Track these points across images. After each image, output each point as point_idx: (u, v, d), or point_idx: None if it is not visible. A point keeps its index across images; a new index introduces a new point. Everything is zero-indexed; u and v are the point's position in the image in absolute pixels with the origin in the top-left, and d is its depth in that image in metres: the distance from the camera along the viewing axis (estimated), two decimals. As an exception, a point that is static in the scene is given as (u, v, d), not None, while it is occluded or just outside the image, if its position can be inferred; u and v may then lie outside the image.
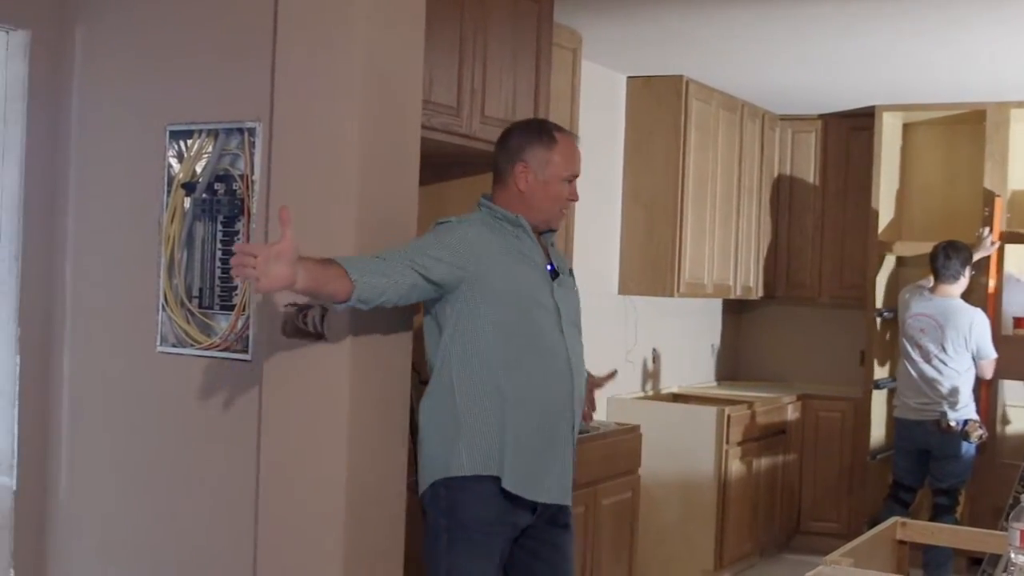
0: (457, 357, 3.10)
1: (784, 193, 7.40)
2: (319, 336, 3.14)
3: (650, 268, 6.12)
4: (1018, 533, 2.53)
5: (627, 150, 6.22)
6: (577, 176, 3.26)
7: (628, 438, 5.01)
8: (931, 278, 6.03)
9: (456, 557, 3.08)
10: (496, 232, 3.18)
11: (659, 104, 6.16)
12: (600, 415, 5.88)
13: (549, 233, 3.29)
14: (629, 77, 6.22)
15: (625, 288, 6.18)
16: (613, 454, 4.84)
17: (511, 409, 3.09)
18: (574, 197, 3.26)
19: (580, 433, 3.58)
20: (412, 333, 3.37)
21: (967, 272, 5.95)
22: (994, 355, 5.91)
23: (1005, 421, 6.76)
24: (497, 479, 3.07)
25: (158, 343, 3.62)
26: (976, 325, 5.87)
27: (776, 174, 7.37)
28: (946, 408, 5.83)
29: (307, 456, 3.21)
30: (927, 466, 5.98)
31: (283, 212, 2.73)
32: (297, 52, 3.27)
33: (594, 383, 3.52)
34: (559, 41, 4.71)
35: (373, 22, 3.20)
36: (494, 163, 3.30)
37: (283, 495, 3.25)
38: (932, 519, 5.72)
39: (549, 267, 3.22)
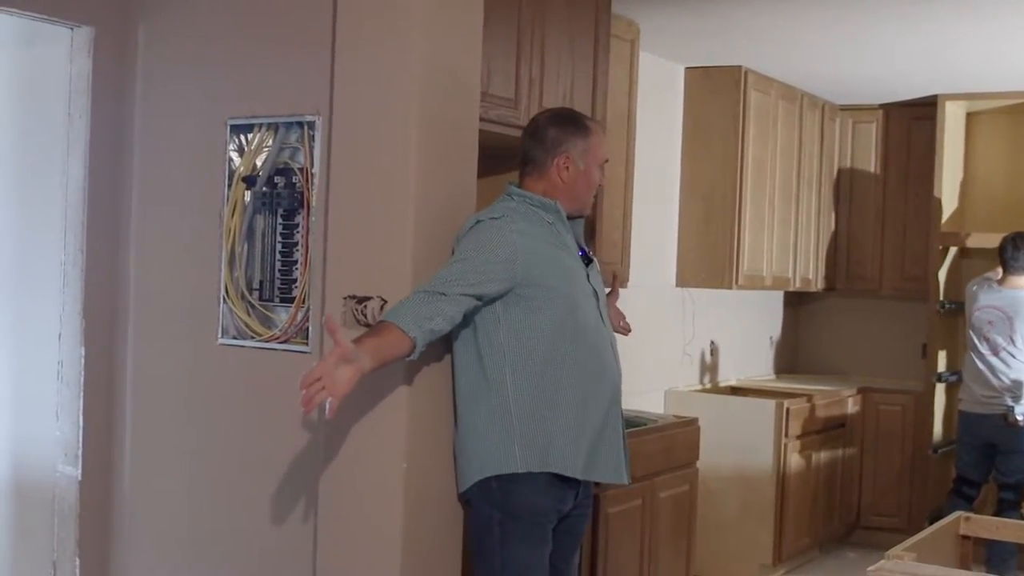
0: (512, 355, 3.10)
1: (844, 184, 7.32)
2: (377, 328, 3.15)
3: (708, 260, 6.08)
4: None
5: (685, 141, 6.19)
6: (606, 161, 3.36)
7: (686, 431, 4.98)
8: (999, 270, 5.95)
9: (513, 548, 3.09)
10: (534, 222, 3.18)
11: (717, 95, 6.12)
12: (658, 407, 5.87)
13: (578, 219, 3.33)
14: (687, 68, 6.18)
15: (683, 280, 6.15)
16: (671, 447, 4.81)
17: (567, 405, 3.11)
18: (603, 182, 3.38)
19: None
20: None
21: (1036, 264, 5.86)
22: None
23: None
24: (550, 473, 3.10)
25: (219, 335, 3.66)
26: None
27: (836, 165, 7.29)
28: (1012, 402, 5.75)
29: (368, 448, 3.22)
30: (992, 461, 5.91)
31: (329, 323, 2.85)
32: (356, 45, 3.29)
33: (614, 295, 3.69)
34: (617, 32, 4.69)
35: (432, 15, 3.21)
36: (525, 153, 3.28)
37: (343, 487, 3.27)
38: (996, 514, 5.65)
39: (580, 253, 3.28)
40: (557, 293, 3.12)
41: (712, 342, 6.54)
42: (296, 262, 3.51)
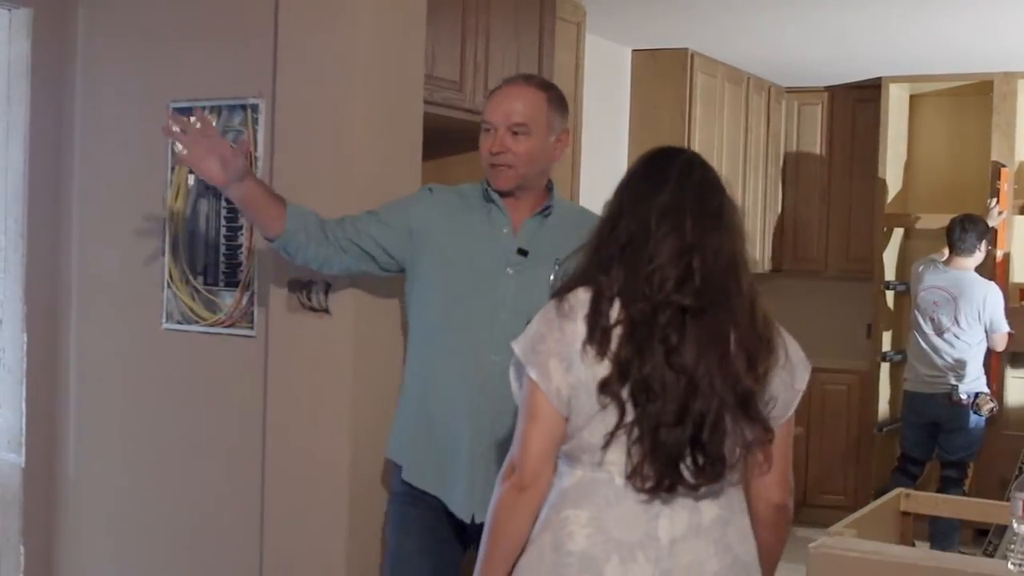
0: (409, 332, 2.99)
1: (791, 166, 7.38)
2: (324, 311, 3.15)
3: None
4: (1020, 503, 2.53)
5: (632, 124, 6.21)
6: (493, 125, 2.81)
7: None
8: (945, 251, 6.02)
9: (389, 530, 2.99)
10: (465, 205, 2.92)
11: (664, 78, 6.15)
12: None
13: (550, 205, 2.91)
14: (634, 50, 6.20)
15: (631, 262, 6.17)
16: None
17: (420, 400, 2.90)
18: (492, 148, 2.81)
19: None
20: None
21: (983, 246, 5.95)
22: (1007, 328, 5.91)
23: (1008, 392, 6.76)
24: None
25: (164, 320, 3.63)
26: (990, 298, 5.87)
27: (783, 147, 7.35)
28: (956, 381, 5.83)
29: (312, 430, 3.22)
30: (936, 439, 5.99)
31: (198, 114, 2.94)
32: (299, 27, 3.27)
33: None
34: (563, 15, 4.69)
35: (374, -3, 3.20)
36: None
37: (289, 470, 3.27)
38: (940, 491, 5.73)
39: (514, 245, 2.85)
40: (445, 279, 2.86)
41: (660, 324, 6.55)
42: (241, 246, 3.49)
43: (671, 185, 2.14)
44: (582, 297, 2.11)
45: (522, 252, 2.82)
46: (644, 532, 2.06)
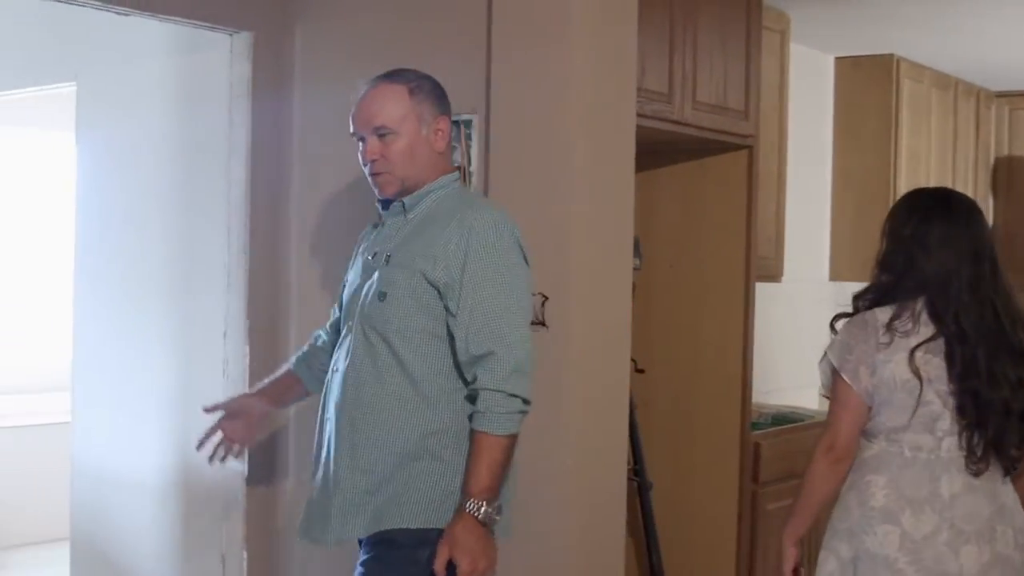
0: None
1: (1002, 174, 7.07)
2: (540, 324, 3.16)
3: (862, 254, 5.94)
4: None
5: (836, 133, 6.06)
6: (359, 136, 2.66)
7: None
8: None
9: None
10: (372, 227, 2.80)
11: (869, 85, 5.97)
12: (812, 403, 5.75)
13: (412, 203, 2.64)
14: (837, 58, 6.05)
15: (836, 274, 6.02)
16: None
17: None
18: (363, 159, 2.65)
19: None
20: (631, 323, 3.36)
21: None
22: None
23: None
24: None
25: (380, 333, 3.69)
26: None
27: (993, 154, 7.05)
28: None
29: (529, 443, 3.21)
30: None
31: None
32: (512, 43, 3.30)
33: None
34: (767, 23, 4.61)
35: (588, 12, 3.20)
36: None
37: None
38: None
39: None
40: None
41: (866, 337, 6.37)
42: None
43: (967, 231, 2.75)
44: (881, 317, 2.73)
45: (374, 256, 2.64)
46: (929, 490, 2.67)
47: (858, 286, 6.08)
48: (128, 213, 4.49)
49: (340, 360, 2.61)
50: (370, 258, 2.63)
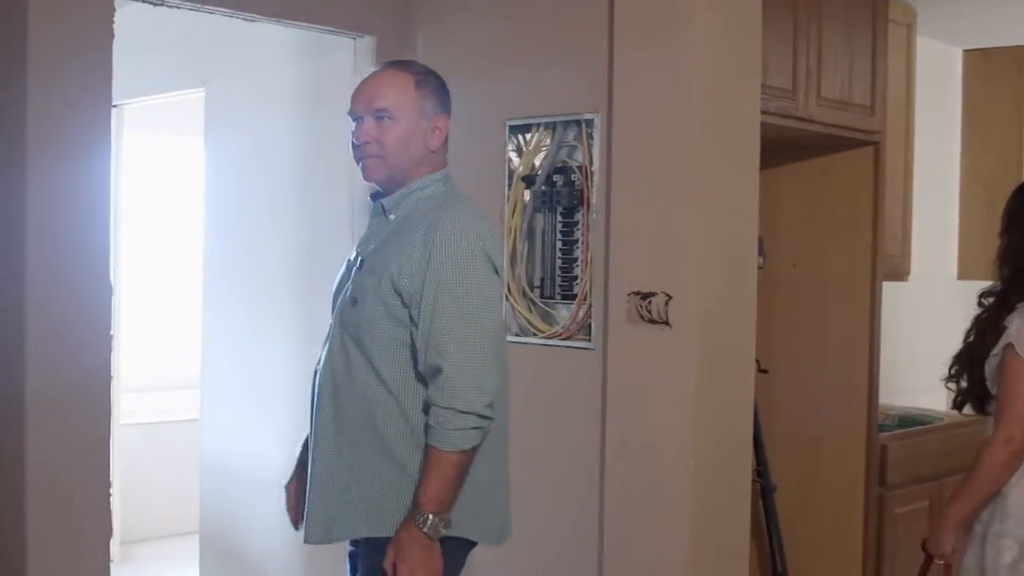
0: None
1: None
2: (664, 323, 3.15)
3: (992, 251, 5.78)
4: None
5: (964, 127, 5.90)
6: (358, 116, 2.52)
7: (971, 430, 4.74)
8: None
9: None
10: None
11: (998, 77, 5.80)
12: (940, 405, 5.62)
13: (393, 198, 2.56)
14: (966, 51, 5.89)
15: (965, 272, 5.86)
16: (956, 446, 4.60)
17: None
18: (354, 139, 2.52)
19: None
20: (755, 323, 3.33)
21: None
22: None
23: None
24: None
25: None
26: None
27: None
28: None
29: (653, 443, 3.22)
30: None
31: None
32: (635, 42, 3.29)
33: None
34: (893, 17, 4.51)
35: (711, 8, 3.17)
36: None
37: (629, 481, 3.28)
38: None
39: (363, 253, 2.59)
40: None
41: (996, 337, 6.20)
42: (577, 259, 3.54)
43: None
44: None
45: (358, 259, 2.56)
46: None
47: (989, 284, 5.93)
48: (255, 214, 4.60)
49: (322, 359, 2.57)
50: (351, 259, 2.58)
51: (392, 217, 2.52)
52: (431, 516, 2.34)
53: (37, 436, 3.22)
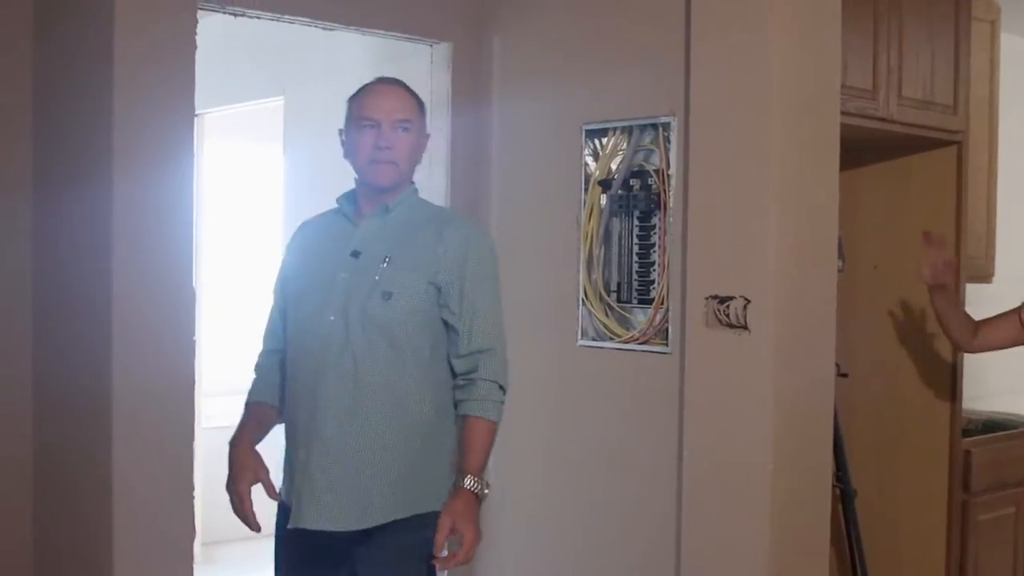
0: None
1: None
2: (742, 327, 3.12)
3: (1080, 251, 5.66)
4: None
5: (1049, 126, 5.78)
6: (379, 122, 2.64)
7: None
8: None
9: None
10: (326, 219, 2.81)
11: (1085, 74, 5.68)
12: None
13: (394, 202, 2.70)
14: (1051, 47, 5.77)
15: (1051, 274, 5.75)
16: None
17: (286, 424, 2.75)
18: (379, 143, 2.64)
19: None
20: (835, 326, 3.29)
21: None
22: None
23: None
24: None
25: (579, 337, 3.73)
26: None
27: None
28: None
29: (731, 448, 3.20)
30: None
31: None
32: (712, 44, 3.27)
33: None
34: (976, 14, 4.43)
35: (789, 7, 3.15)
36: None
37: (708, 485, 3.26)
38: None
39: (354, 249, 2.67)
40: (292, 293, 2.74)
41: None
42: (653, 263, 3.53)
43: None
44: None
45: (355, 254, 2.65)
46: None
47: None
48: (333, 221, 4.64)
49: (324, 352, 2.59)
50: (349, 255, 2.65)
51: (391, 217, 2.68)
52: (480, 481, 2.56)
53: (123, 440, 3.28)
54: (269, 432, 2.79)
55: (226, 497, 2.66)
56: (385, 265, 2.61)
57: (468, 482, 2.53)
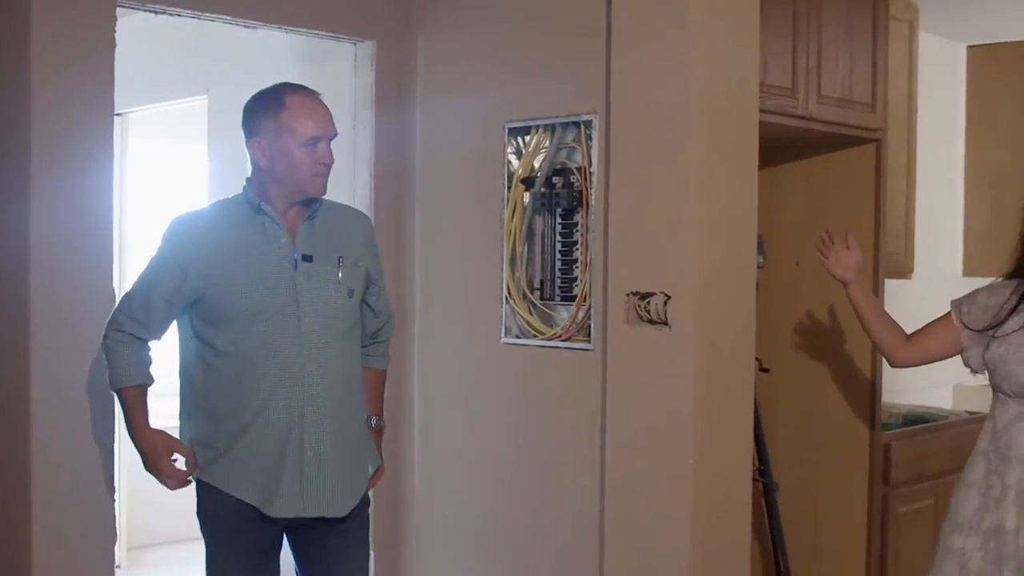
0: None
1: None
2: (663, 323, 3.15)
3: (999, 248, 5.76)
4: None
5: (969, 124, 5.88)
6: (320, 138, 2.77)
7: (977, 428, 4.73)
8: None
9: (212, 549, 2.89)
10: (234, 222, 2.81)
11: (1003, 73, 5.78)
12: (946, 403, 5.61)
13: (317, 207, 2.84)
14: (970, 46, 5.88)
15: (970, 270, 5.85)
16: (962, 444, 4.59)
17: (227, 421, 2.82)
18: (324, 160, 2.78)
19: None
20: (756, 322, 3.33)
21: None
22: None
23: None
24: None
25: (503, 335, 3.73)
26: None
27: None
28: None
29: (653, 443, 3.22)
30: None
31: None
32: (632, 42, 3.30)
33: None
34: (895, 13, 4.50)
35: (707, 6, 3.18)
36: None
37: (630, 481, 3.28)
38: None
39: (296, 253, 2.79)
40: (238, 300, 2.75)
41: (1002, 334, 6.18)
42: (576, 260, 3.55)
43: None
44: None
45: (307, 258, 2.80)
46: None
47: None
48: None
49: (300, 352, 2.75)
50: (301, 259, 2.78)
51: (317, 219, 2.85)
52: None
53: (42, 444, 3.25)
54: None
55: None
56: (341, 265, 2.83)
57: (379, 423, 3.06)
